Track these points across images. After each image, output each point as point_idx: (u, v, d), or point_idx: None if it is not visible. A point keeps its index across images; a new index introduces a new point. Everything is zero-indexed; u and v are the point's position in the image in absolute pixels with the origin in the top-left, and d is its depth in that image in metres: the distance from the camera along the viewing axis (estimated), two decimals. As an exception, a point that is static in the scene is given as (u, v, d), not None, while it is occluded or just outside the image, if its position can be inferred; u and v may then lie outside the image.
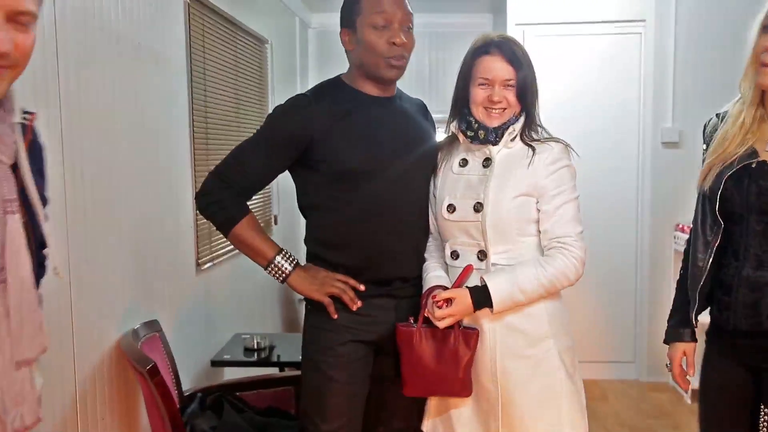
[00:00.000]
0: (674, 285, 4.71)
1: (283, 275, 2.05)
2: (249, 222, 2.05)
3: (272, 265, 2.05)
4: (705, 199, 1.90)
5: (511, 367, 1.98)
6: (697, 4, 4.52)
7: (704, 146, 2.00)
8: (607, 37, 4.62)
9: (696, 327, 2.01)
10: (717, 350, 1.94)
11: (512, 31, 4.54)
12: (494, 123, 2.00)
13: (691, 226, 2.01)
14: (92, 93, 2.18)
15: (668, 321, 2.09)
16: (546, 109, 2.12)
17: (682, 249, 4.41)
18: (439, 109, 2.36)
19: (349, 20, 2.03)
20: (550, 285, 1.95)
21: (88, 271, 2.13)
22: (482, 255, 2.00)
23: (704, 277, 1.89)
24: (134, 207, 2.46)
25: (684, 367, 2.06)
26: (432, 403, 2.13)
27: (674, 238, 4.57)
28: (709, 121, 2.00)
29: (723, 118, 1.94)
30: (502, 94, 1.98)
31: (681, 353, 2.04)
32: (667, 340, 2.08)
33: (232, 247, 3.46)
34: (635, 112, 4.65)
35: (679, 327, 2.04)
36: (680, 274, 2.07)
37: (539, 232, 2.01)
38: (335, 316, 2.03)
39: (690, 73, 4.56)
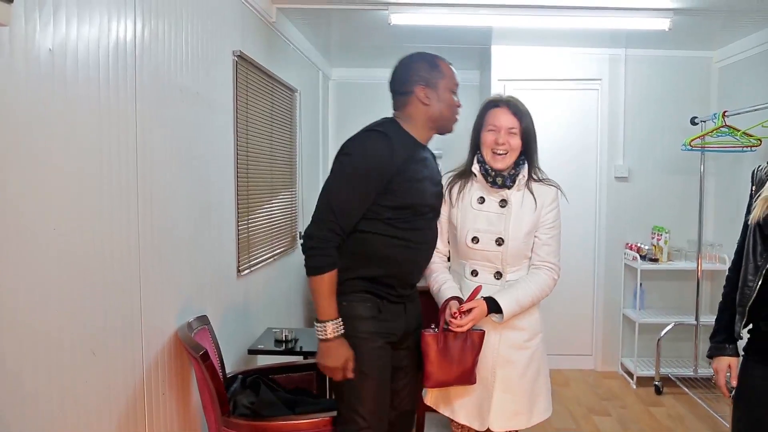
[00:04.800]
0: (624, 292, 4.75)
1: (324, 337, 1.94)
2: (330, 277, 1.93)
3: (322, 325, 1.94)
4: (757, 231, 1.86)
5: (515, 356, 2.10)
6: (642, 67, 4.63)
7: (753, 187, 1.93)
8: (572, 92, 4.67)
9: (739, 341, 1.93)
10: (759, 359, 1.86)
11: (495, 85, 4.61)
12: (498, 165, 2.07)
13: (734, 256, 1.97)
14: (161, 131, 2.21)
15: (712, 338, 2.00)
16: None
17: (630, 263, 4.48)
18: (437, 146, 2.42)
19: (430, 80, 2.01)
20: (537, 298, 2.08)
21: (154, 276, 2.15)
22: (498, 275, 2.10)
23: (754, 296, 1.83)
24: (189, 223, 2.48)
25: (727, 377, 1.96)
26: None
27: (624, 254, 4.60)
28: (758, 167, 1.95)
29: None
30: (506, 138, 2.06)
31: (726, 366, 1.95)
32: (712, 354, 1.99)
33: (265, 257, 3.54)
34: (594, 152, 4.70)
35: (724, 343, 1.95)
36: (723, 298, 1.99)
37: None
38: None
39: (637, 121, 4.64)
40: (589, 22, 3.77)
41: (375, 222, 1.98)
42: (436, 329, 2.02)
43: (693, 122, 4.26)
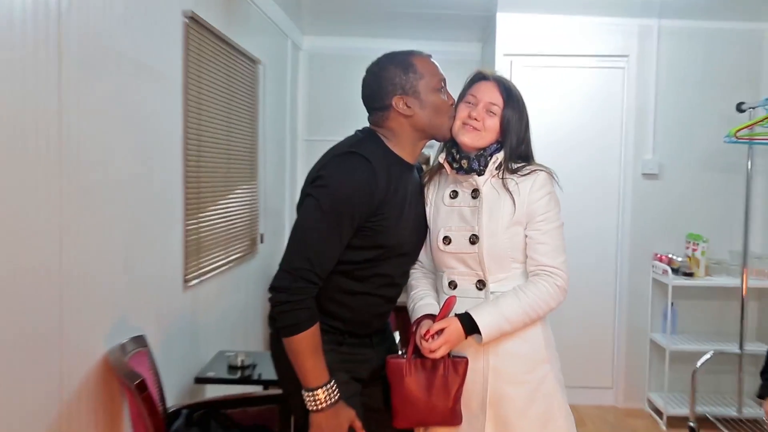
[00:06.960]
0: (652, 313, 4.75)
1: (317, 408, 1.88)
2: (312, 333, 1.87)
3: (312, 393, 1.88)
4: None
5: (511, 392, 1.99)
6: (678, 42, 4.64)
7: None
8: (592, 71, 4.70)
9: None
10: None
11: (500, 61, 4.61)
12: (464, 138, 2.00)
13: None
14: (91, 107, 2.18)
15: (763, 375, 2.04)
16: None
17: (660, 278, 4.49)
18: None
19: (406, 86, 1.96)
20: (533, 312, 1.96)
21: (78, 285, 2.12)
22: (481, 284, 2.02)
23: None
24: (125, 221, 2.45)
25: None
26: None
27: (652, 267, 4.63)
28: None
29: None
30: (482, 114, 2.00)
31: None
32: (763, 394, 2.03)
33: (218, 264, 3.50)
34: (617, 144, 4.72)
35: None
36: None
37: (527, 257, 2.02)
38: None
39: (670, 107, 4.66)
40: (616, -13, 3.78)
41: (350, 266, 1.97)
42: (405, 355, 1.98)
43: (740, 109, 4.29)
